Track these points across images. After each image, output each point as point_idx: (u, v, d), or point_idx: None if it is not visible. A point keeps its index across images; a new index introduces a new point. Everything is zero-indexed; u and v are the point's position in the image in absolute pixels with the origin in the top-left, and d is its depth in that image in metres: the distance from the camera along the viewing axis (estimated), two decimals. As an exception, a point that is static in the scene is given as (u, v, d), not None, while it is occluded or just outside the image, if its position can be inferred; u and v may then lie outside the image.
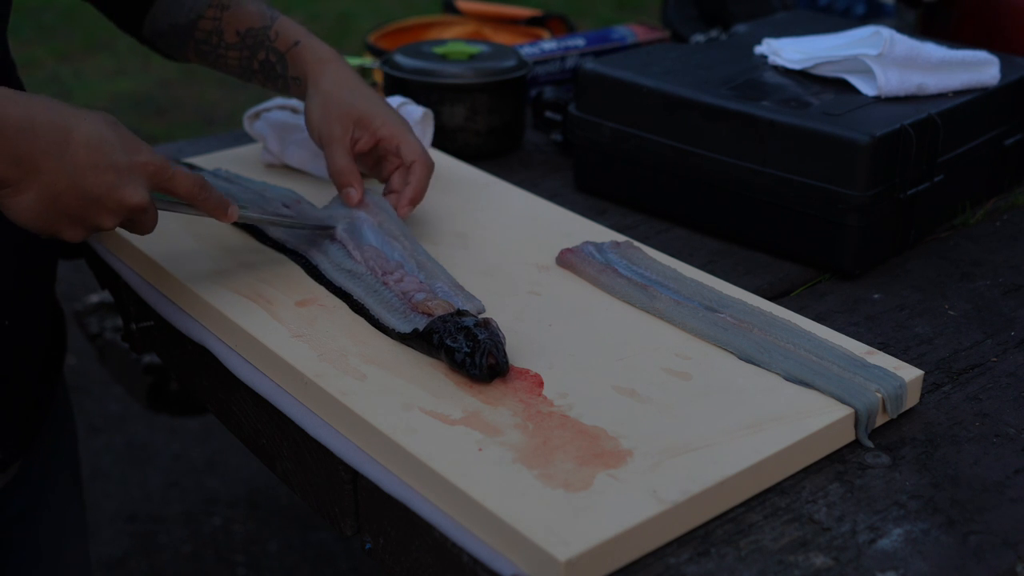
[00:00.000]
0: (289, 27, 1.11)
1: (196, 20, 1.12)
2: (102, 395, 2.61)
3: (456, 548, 0.73)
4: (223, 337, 0.94)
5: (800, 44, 1.27)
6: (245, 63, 1.13)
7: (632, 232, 1.18)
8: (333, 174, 1.05)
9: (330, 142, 1.05)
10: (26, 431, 1.02)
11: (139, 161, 0.82)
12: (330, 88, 1.07)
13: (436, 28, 1.86)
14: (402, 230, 1.04)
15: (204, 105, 4.29)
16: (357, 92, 1.07)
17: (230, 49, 1.12)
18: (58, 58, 4.73)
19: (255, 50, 1.11)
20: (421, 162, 1.05)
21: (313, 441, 0.85)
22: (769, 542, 0.73)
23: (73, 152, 0.78)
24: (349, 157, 1.05)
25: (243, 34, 1.11)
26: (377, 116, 1.05)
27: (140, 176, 0.82)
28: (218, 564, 2.17)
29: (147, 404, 1.82)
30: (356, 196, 1.05)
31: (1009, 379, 0.93)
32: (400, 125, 1.06)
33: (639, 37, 1.67)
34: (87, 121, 0.80)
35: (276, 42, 1.10)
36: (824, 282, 1.10)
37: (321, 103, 1.06)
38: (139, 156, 0.82)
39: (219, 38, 1.12)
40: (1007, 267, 1.13)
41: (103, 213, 0.81)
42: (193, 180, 0.87)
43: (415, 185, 1.05)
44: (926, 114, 1.11)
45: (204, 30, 1.12)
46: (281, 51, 1.10)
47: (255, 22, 1.11)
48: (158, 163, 0.83)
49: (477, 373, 0.82)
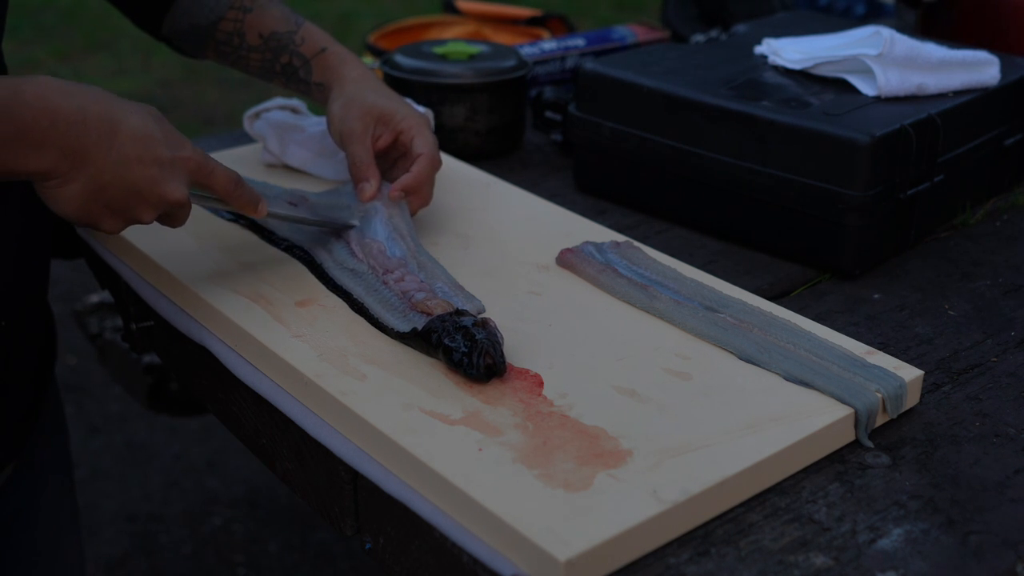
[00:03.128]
0: (315, 33, 1.14)
1: (217, 21, 1.13)
2: (102, 395, 2.61)
3: (456, 548, 0.73)
4: (223, 337, 0.94)
5: (800, 44, 1.27)
6: (267, 65, 1.15)
7: (632, 232, 1.18)
8: (352, 168, 1.07)
9: (351, 138, 1.07)
10: (21, 433, 1.02)
11: (182, 156, 0.83)
12: (352, 89, 1.09)
13: (436, 28, 1.86)
14: (409, 230, 1.04)
15: (204, 105, 4.29)
16: (378, 91, 1.09)
17: (252, 51, 1.14)
18: (58, 58, 4.72)
19: (278, 53, 1.13)
20: (427, 155, 1.06)
21: (313, 441, 0.85)
22: (769, 542, 0.73)
23: (120, 144, 0.79)
24: (369, 152, 1.07)
25: (267, 37, 1.13)
26: (397, 112, 1.08)
27: (182, 171, 0.83)
28: (218, 564, 2.17)
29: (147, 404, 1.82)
30: (371, 190, 1.06)
31: (1009, 379, 0.93)
32: (419, 120, 1.08)
33: (639, 37, 1.67)
34: (134, 114, 0.81)
35: (302, 47, 1.13)
36: (824, 282, 1.10)
37: (344, 103, 1.08)
38: (182, 151, 0.83)
39: (241, 39, 1.14)
40: (1007, 267, 1.13)
41: (143, 206, 0.82)
42: (229, 177, 0.88)
43: (415, 174, 1.06)
44: (926, 114, 1.11)
45: (225, 31, 1.13)
46: (307, 56, 1.12)
47: (280, 26, 1.13)
48: (199, 159, 0.85)
49: (474, 373, 0.82)
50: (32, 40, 4.80)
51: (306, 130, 1.23)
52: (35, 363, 1.03)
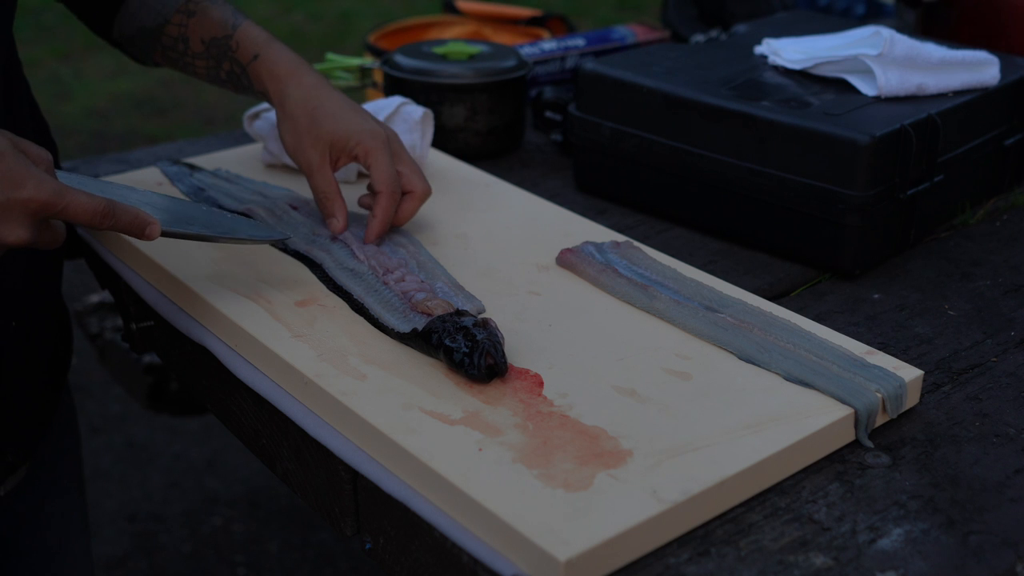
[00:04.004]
0: (249, 37, 1.07)
1: (163, 25, 1.09)
2: (102, 395, 2.61)
3: (456, 548, 0.73)
4: (223, 337, 0.94)
5: (800, 44, 1.27)
6: (212, 72, 1.10)
7: (632, 232, 1.18)
8: (316, 200, 1.04)
9: (309, 169, 1.03)
10: (34, 433, 1.01)
11: (18, 198, 0.75)
12: (294, 111, 1.03)
13: (436, 28, 1.86)
14: (406, 235, 1.04)
15: (204, 105, 4.29)
16: (322, 110, 1.02)
17: (197, 58, 1.09)
18: (58, 58, 4.73)
19: (220, 60, 1.08)
20: (386, 193, 1.01)
21: (313, 441, 0.85)
22: (769, 542, 0.73)
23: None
24: (330, 183, 1.03)
25: (208, 43, 1.08)
26: (351, 136, 1.01)
27: (20, 215, 0.76)
28: (218, 564, 2.17)
29: (147, 404, 1.82)
30: (338, 225, 1.03)
31: (1009, 379, 0.93)
32: (374, 142, 1.01)
33: (639, 37, 1.67)
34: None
35: (237, 53, 1.07)
36: (824, 282, 1.10)
37: (291, 129, 1.03)
38: (20, 192, 0.75)
39: (185, 45, 1.09)
40: (1007, 267, 1.13)
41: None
42: (92, 209, 0.79)
43: (380, 218, 1.02)
44: (926, 114, 1.11)
45: (171, 35, 1.09)
46: (243, 63, 1.07)
47: (218, 31, 1.07)
48: (43, 199, 0.76)
49: (475, 373, 0.82)
50: (32, 40, 4.80)
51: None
52: (48, 364, 1.03)
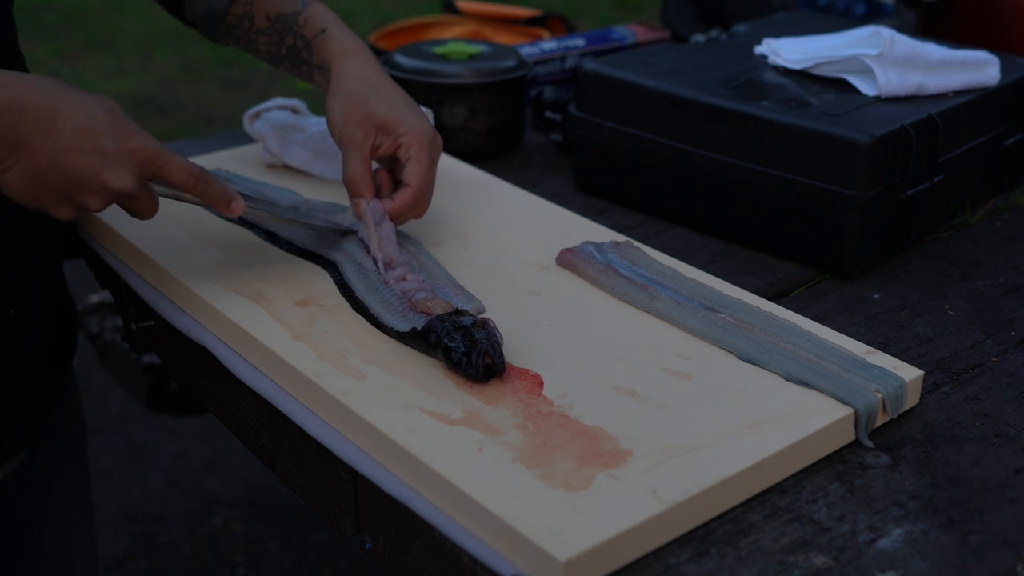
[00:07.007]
0: (319, 13, 1.09)
1: (229, 5, 1.11)
2: (102, 395, 2.61)
3: (456, 548, 0.73)
4: (223, 337, 0.94)
5: (800, 44, 1.27)
6: (274, 48, 1.12)
7: (632, 232, 1.18)
8: (346, 181, 1.03)
9: (349, 147, 1.02)
10: (32, 420, 1.02)
11: (127, 148, 0.83)
12: (352, 86, 1.03)
13: (436, 28, 1.86)
14: (407, 236, 1.04)
15: (204, 105, 4.29)
16: (380, 92, 1.03)
17: (260, 34, 1.11)
18: (58, 58, 4.73)
19: (283, 35, 1.10)
20: (414, 188, 1.01)
21: (313, 441, 0.85)
22: (769, 542, 0.73)
23: (59, 133, 0.80)
24: (365, 166, 1.02)
25: (273, 19, 1.10)
26: (402, 124, 1.01)
27: (127, 162, 0.83)
28: (218, 564, 2.17)
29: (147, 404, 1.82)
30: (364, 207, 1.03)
31: (1009, 379, 0.93)
32: (421, 137, 1.02)
33: (639, 37, 1.67)
34: (79, 105, 0.81)
35: (304, 28, 1.09)
36: (824, 282, 1.10)
37: (343, 102, 1.03)
38: (129, 143, 0.83)
39: (250, 23, 1.11)
40: (1007, 267, 1.13)
41: (86, 194, 0.83)
42: (188, 171, 0.87)
43: (398, 203, 1.02)
44: (926, 114, 1.11)
45: (236, 15, 1.12)
46: (308, 38, 1.09)
47: (286, 7, 1.10)
48: (149, 151, 0.84)
49: (473, 373, 0.82)
50: (32, 40, 4.80)
51: (306, 130, 1.23)
52: (48, 352, 1.04)
